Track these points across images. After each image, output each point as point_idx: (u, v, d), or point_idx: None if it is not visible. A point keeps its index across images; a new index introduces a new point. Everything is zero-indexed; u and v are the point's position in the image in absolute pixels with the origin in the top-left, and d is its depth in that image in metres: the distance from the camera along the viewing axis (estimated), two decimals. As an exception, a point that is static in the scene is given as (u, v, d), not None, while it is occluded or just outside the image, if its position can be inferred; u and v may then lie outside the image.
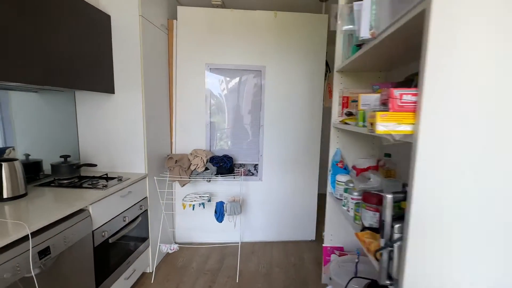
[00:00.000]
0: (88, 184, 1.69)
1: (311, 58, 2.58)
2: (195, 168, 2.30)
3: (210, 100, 2.57)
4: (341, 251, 1.46)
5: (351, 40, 1.22)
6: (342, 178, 1.31)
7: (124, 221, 1.78)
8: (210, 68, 2.53)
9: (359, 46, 1.06)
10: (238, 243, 2.50)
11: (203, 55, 2.50)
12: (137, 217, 1.96)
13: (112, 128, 2.03)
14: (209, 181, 2.43)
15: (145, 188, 2.09)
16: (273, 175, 2.73)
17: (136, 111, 2.01)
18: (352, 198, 1.11)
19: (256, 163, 2.71)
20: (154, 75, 2.17)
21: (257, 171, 2.73)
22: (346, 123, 1.18)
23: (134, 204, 1.91)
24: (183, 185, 2.30)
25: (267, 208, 2.77)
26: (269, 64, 2.56)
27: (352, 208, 1.11)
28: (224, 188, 2.65)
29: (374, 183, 1.05)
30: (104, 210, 1.57)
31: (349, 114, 1.30)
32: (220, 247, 2.64)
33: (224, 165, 2.33)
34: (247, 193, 2.65)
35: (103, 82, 1.87)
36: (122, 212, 1.75)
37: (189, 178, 2.29)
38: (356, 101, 1.30)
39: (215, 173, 2.34)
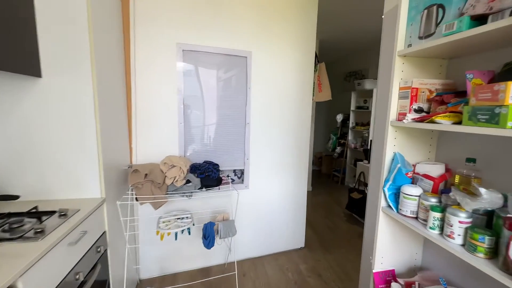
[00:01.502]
0: (9, 235, 0.97)
1: (301, 45, 2.27)
2: (172, 182, 1.71)
3: (184, 91, 1.98)
4: (393, 274, 1.21)
5: (430, 15, 0.94)
6: (413, 190, 1.04)
7: (77, 280, 1.11)
8: (183, 50, 1.93)
9: (477, 19, 0.78)
10: (224, 263, 2.03)
11: (174, 33, 1.89)
12: (95, 265, 1.29)
13: (41, 131, 1.28)
14: (190, 197, 1.87)
15: (103, 220, 1.41)
16: (261, 181, 2.34)
17: (82, 103, 1.31)
18: (460, 222, 0.83)
19: (242, 168, 2.27)
20: (105, 52, 1.47)
21: (242, 178, 2.29)
22: (433, 122, 0.90)
23: (90, 249, 1.24)
24: (158, 207, 1.68)
25: (255, 219, 2.37)
26: (256, 49, 2.13)
27: (460, 235, 0.84)
28: (204, 202, 2.12)
29: (489, 199, 0.81)
30: (43, 277, 0.91)
31: (420, 110, 1.03)
32: (202, 273, 2.11)
33: (211, 175, 1.81)
34: (231, 204, 2.19)
35: (19, 58, 1.12)
36: (72, 268, 1.09)
37: (166, 195, 1.69)
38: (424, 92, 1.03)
39: (199, 186, 1.80)
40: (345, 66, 5.40)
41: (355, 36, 4.04)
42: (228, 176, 2.28)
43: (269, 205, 2.40)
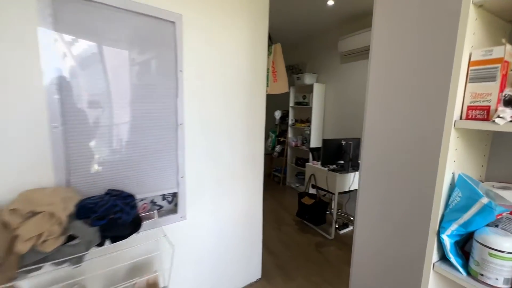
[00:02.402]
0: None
1: (251, 14, 1.67)
2: (33, 247, 0.85)
3: (60, 73, 1.10)
4: None
5: None
6: (507, 244, 0.60)
7: None
8: (54, 4, 1.05)
9: None
10: None
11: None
12: None
13: None
14: (78, 265, 1.02)
15: None
16: (205, 205, 1.65)
17: None
18: None
19: (174, 190, 1.52)
20: None
21: (176, 202, 1.55)
22: None
23: None
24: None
25: (199, 260, 1.67)
26: (190, 12, 1.42)
27: None
28: (112, 256, 1.28)
29: None
30: None
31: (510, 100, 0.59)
32: None
33: (122, 218, 1.02)
34: (161, 252, 1.43)
35: None
36: None
37: (16, 274, 0.82)
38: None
39: (97, 241, 0.99)
40: (280, 59, 5.12)
41: (293, 27, 3.73)
42: (153, 202, 1.50)
43: (217, 236, 1.74)
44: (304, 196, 3.03)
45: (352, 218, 3.22)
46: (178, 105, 1.45)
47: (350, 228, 2.99)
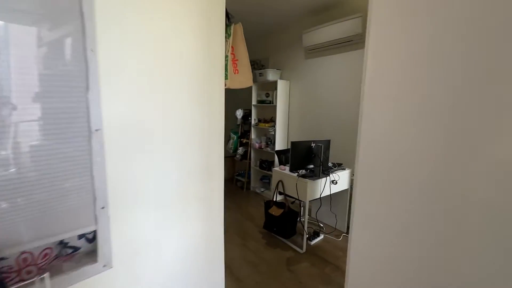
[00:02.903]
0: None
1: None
2: None
3: None
4: None
5: None
6: None
7: None
8: None
9: None
10: None
11: None
12: None
13: None
14: None
15: None
16: (141, 242, 1.18)
17: None
18: None
19: (92, 229, 1.02)
20: None
21: (95, 243, 1.05)
22: None
23: None
24: None
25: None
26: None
27: None
28: None
29: None
30: None
31: None
32: None
33: None
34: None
35: None
36: None
37: None
38: None
39: None
40: (241, 54, 4.74)
41: (254, 18, 3.37)
42: (63, 244, 1.00)
43: (162, 282, 1.28)
44: (272, 205, 2.70)
45: (321, 225, 3.00)
46: (91, 102, 0.95)
47: (322, 237, 2.76)
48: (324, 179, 2.49)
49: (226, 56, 1.43)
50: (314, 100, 3.43)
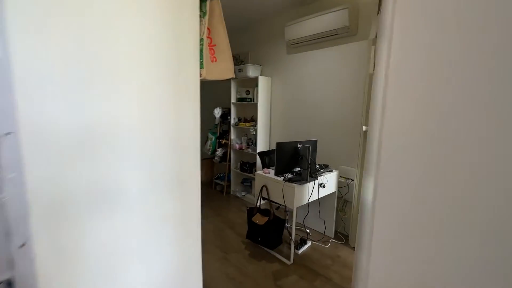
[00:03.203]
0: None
1: None
2: None
3: None
4: None
5: None
6: None
7: None
8: None
9: None
10: None
11: None
12: None
13: None
14: None
15: None
16: (92, 278, 0.87)
17: None
18: None
19: (4, 277, 0.70)
20: None
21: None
22: None
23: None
24: None
25: None
26: None
27: None
28: None
29: None
30: None
31: None
32: None
33: None
34: None
35: None
36: None
37: None
38: None
39: None
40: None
41: (232, 11, 3.10)
42: None
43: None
44: (255, 213, 2.46)
45: (308, 231, 2.82)
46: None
47: (309, 244, 2.57)
48: (312, 183, 2.30)
49: (201, 40, 1.15)
50: (297, 98, 3.24)
